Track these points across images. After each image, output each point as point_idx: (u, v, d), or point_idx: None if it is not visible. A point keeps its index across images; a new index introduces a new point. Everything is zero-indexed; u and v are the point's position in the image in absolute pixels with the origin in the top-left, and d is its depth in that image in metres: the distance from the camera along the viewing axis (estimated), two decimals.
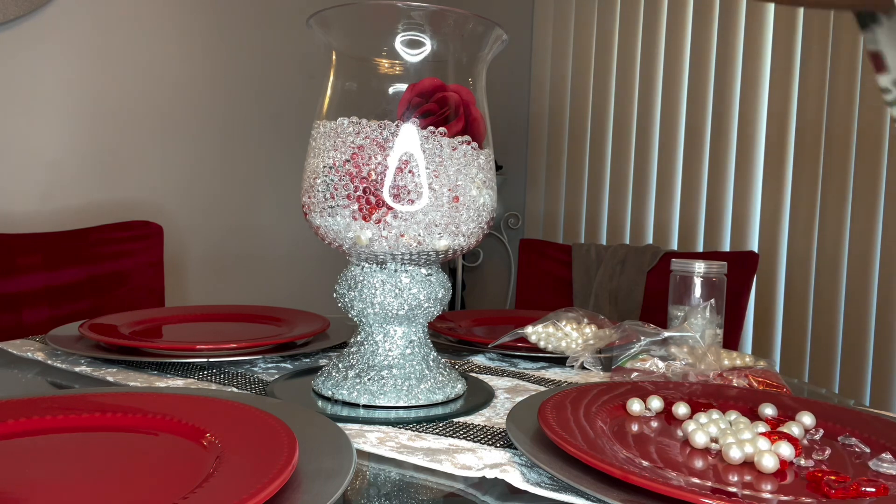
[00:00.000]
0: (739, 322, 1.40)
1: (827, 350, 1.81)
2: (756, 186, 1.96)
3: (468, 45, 0.61)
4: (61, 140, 1.62)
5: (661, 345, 0.73)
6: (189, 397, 0.50)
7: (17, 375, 0.68)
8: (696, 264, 0.85)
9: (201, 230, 1.92)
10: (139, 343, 0.73)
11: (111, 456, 0.42)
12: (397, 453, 0.47)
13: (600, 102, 2.31)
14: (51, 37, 1.57)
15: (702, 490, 0.39)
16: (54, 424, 0.45)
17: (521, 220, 2.56)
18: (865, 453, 0.48)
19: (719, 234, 2.03)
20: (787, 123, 1.89)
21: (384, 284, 0.59)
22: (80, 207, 1.65)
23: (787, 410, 0.55)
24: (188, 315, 0.92)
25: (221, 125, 1.95)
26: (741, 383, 0.67)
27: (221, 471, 0.37)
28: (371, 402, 0.58)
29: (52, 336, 0.77)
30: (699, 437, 0.48)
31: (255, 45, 2.01)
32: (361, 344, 0.62)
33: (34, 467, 0.39)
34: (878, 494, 0.39)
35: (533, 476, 0.43)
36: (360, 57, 0.62)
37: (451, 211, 0.57)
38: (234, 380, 0.67)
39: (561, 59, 2.42)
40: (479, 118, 0.61)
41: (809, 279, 1.85)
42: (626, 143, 2.25)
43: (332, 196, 0.57)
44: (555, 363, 0.81)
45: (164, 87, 1.81)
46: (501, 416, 0.57)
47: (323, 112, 0.60)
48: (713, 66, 2.04)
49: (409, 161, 0.55)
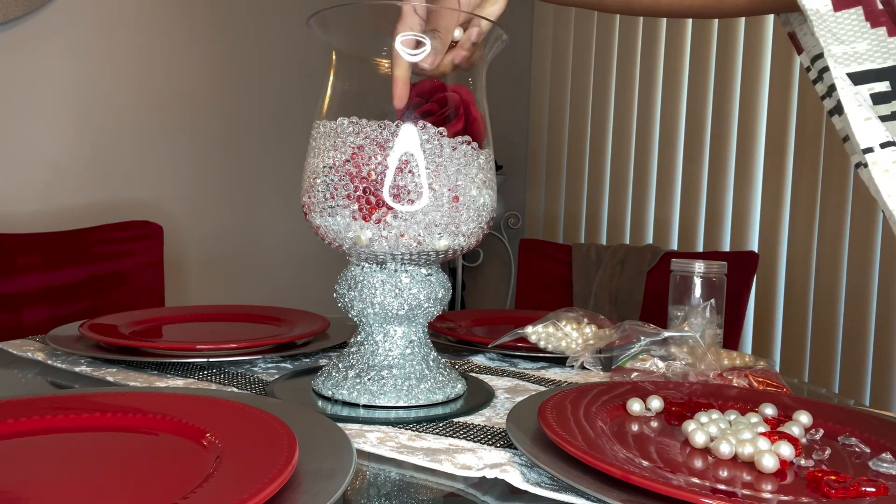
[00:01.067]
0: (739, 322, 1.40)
1: (827, 350, 1.81)
2: (756, 186, 1.96)
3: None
4: (61, 140, 1.62)
5: (661, 345, 0.73)
6: (189, 397, 0.50)
7: (17, 375, 0.68)
8: (696, 264, 0.85)
9: (201, 230, 1.92)
10: (139, 343, 0.73)
11: (111, 456, 0.42)
12: (397, 453, 0.47)
13: (600, 102, 2.31)
14: (51, 37, 1.57)
15: (702, 490, 0.39)
16: (54, 424, 0.45)
17: (521, 220, 2.56)
18: (865, 453, 0.48)
19: (719, 234, 2.03)
20: (787, 123, 1.89)
21: (384, 284, 0.59)
22: (80, 207, 1.65)
23: (787, 410, 0.55)
24: (188, 315, 0.92)
25: (221, 125, 1.95)
26: (741, 383, 0.67)
27: (221, 471, 0.37)
28: (371, 402, 0.58)
29: (52, 336, 0.77)
30: (699, 437, 0.48)
31: (255, 45, 2.01)
32: (361, 344, 0.62)
33: (34, 467, 0.39)
34: (878, 494, 0.39)
35: (533, 476, 0.43)
36: (360, 57, 0.62)
37: (451, 211, 0.57)
38: (234, 380, 0.67)
39: (561, 59, 2.42)
40: (480, 118, 0.61)
41: (809, 279, 1.85)
42: (626, 143, 2.26)
43: (332, 196, 0.57)
44: (555, 363, 0.81)
45: (164, 88, 1.81)
46: (501, 416, 0.57)
47: (323, 112, 0.60)
48: (713, 65, 2.04)
49: (409, 161, 0.55)
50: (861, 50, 0.44)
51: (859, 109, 0.43)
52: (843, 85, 0.43)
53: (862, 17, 0.44)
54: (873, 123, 0.43)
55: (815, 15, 0.45)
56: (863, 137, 0.43)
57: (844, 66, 0.44)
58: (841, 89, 0.43)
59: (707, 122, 2.06)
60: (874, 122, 0.43)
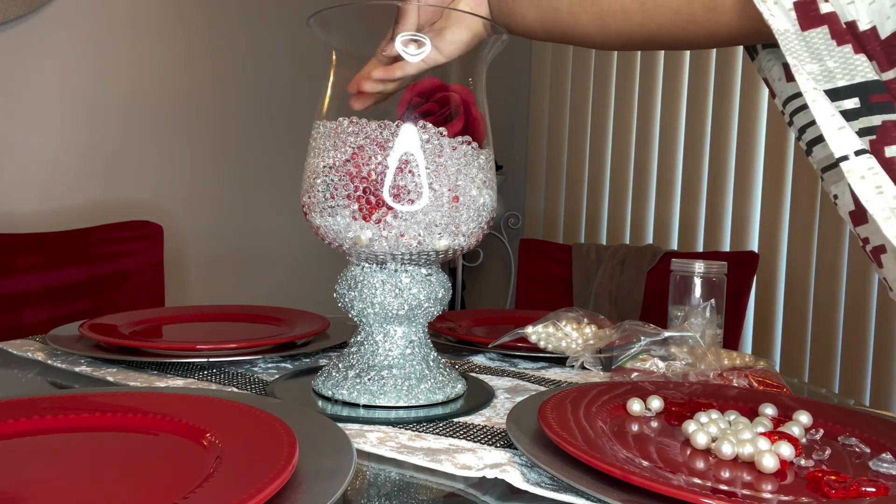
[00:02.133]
0: (739, 322, 1.40)
1: (827, 350, 1.81)
2: (756, 186, 1.96)
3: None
4: (61, 140, 1.62)
5: (661, 345, 0.73)
6: (189, 397, 0.50)
7: (17, 375, 0.68)
8: (696, 264, 0.85)
9: (201, 230, 1.92)
10: (139, 343, 0.73)
11: (111, 456, 0.42)
12: (397, 453, 0.47)
13: (600, 102, 2.31)
14: (51, 37, 1.57)
15: (702, 490, 0.39)
16: (54, 424, 0.45)
17: (521, 220, 2.56)
18: (865, 453, 0.48)
19: (719, 234, 2.03)
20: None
21: (384, 284, 0.59)
22: (80, 207, 1.65)
23: (787, 410, 0.55)
24: (188, 315, 0.92)
25: (222, 125, 1.95)
26: (741, 383, 0.67)
27: (221, 471, 0.37)
28: (371, 402, 0.58)
29: (52, 336, 0.77)
30: (700, 437, 0.48)
31: (254, 45, 2.01)
32: (361, 344, 0.62)
33: (34, 467, 0.39)
34: (878, 494, 0.39)
35: (533, 476, 0.43)
36: (360, 57, 0.62)
37: (451, 211, 0.57)
38: (234, 380, 0.67)
39: (561, 59, 2.42)
40: (480, 118, 0.61)
41: (809, 279, 1.85)
42: (627, 143, 2.25)
43: (332, 196, 0.57)
44: (555, 363, 0.81)
45: (163, 87, 1.81)
46: (501, 416, 0.57)
47: (323, 112, 0.60)
48: (713, 65, 2.04)
49: (409, 161, 0.55)
50: (830, 67, 0.45)
51: (832, 119, 0.43)
52: (816, 97, 0.44)
53: (828, 36, 0.45)
54: (847, 132, 0.43)
55: (782, 36, 0.46)
56: (837, 146, 0.43)
57: (819, 84, 0.45)
58: (812, 101, 0.44)
59: (707, 121, 2.06)
60: (847, 131, 0.43)
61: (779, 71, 0.51)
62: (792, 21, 0.46)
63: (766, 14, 0.46)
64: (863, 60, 0.44)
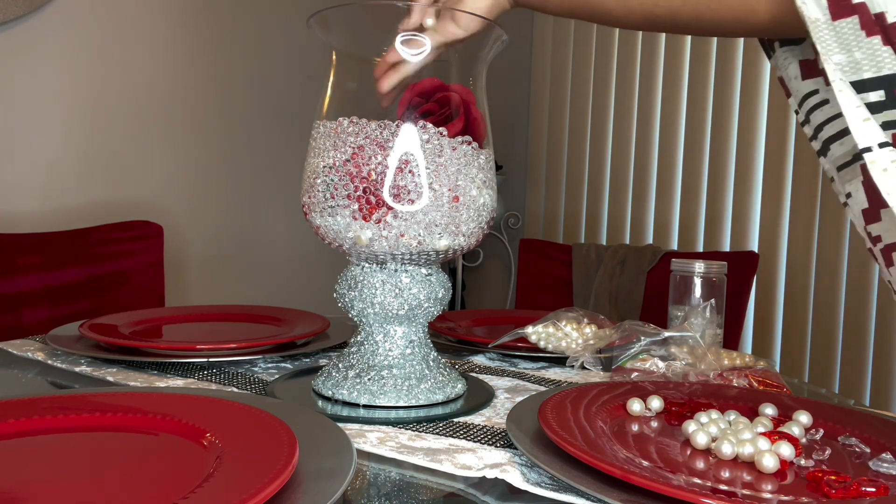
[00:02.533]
0: (739, 322, 1.40)
1: (827, 350, 1.81)
2: (756, 186, 1.96)
3: (468, 46, 0.61)
4: (61, 140, 1.62)
5: (661, 345, 0.73)
6: (189, 397, 0.50)
7: (17, 375, 0.68)
8: (696, 264, 0.85)
9: (201, 230, 1.92)
10: (139, 343, 0.73)
11: (111, 456, 0.42)
12: (397, 453, 0.47)
13: (600, 102, 2.31)
14: (51, 37, 1.57)
15: (702, 490, 0.39)
16: (54, 424, 0.45)
17: (521, 220, 2.56)
18: (865, 453, 0.48)
19: (719, 234, 2.03)
20: (787, 122, 1.89)
21: (384, 284, 0.59)
22: (80, 207, 1.65)
23: (787, 410, 0.55)
24: (188, 315, 0.92)
25: (222, 125, 1.95)
26: (741, 383, 0.67)
27: (221, 471, 0.37)
28: (371, 402, 0.58)
29: (52, 336, 0.77)
30: (700, 437, 0.48)
31: (254, 46, 2.01)
32: (361, 344, 0.62)
33: (34, 467, 0.39)
34: (878, 494, 0.39)
35: (533, 476, 0.43)
36: (360, 57, 0.62)
37: (451, 211, 0.57)
38: (234, 380, 0.67)
39: (561, 59, 2.42)
40: (480, 118, 0.61)
41: (809, 279, 1.85)
42: (627, 143, 2.25)
43: (332, 196, 0.57)
44: (555, 363, 0.81)
45: (164, 87, 1.81)
46: (501, 416, 0.57)
47: (323, 112, 0.60)
48: (713, 64, 2.04)
49: (409, 161, 0.55)
50: (858, 58, 0.45)
51: (858, 110, 0.43)
52: (843, 87, 0.44)
53: (858, 26, 0.45)
54: (871, 124, 0.43)
55: (813, 24, 0.46)
56: (861, 137, 0.43)
57: (846, 75, 0.45)
58: (839, 91, 0.44)
59: (707, 121, 2.06)
60: (872, 123, 0.43)
61: (795, 69, 0.51)
62: (823, 10, 0.46)
63: (799, 1, 0.46)
64: (889, 53, 0.44)
